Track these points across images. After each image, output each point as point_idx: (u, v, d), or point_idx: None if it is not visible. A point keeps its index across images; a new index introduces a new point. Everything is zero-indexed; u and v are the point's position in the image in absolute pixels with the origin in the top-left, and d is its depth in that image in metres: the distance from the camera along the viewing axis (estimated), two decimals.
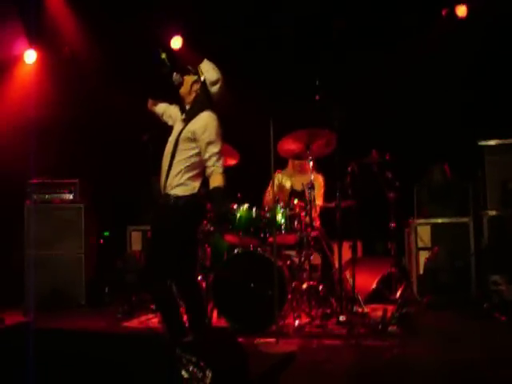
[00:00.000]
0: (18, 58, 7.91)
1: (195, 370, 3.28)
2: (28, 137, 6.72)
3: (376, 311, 5.73)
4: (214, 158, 4.41)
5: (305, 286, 5.62)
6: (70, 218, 6.99)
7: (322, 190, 6.36)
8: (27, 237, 6.83)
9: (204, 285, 5.57)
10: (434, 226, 6.62)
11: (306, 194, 5.59)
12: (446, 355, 4.55)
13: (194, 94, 4.56)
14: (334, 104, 5.49)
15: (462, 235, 6.51)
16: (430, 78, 7.01)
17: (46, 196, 7.02)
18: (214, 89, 4.53)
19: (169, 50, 7.28)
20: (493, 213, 6.22)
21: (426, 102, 7.01)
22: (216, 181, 4.40)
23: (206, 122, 4.44)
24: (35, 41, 7.76)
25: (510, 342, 5.02)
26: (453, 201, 6.64)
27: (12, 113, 7.46)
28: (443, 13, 7.10)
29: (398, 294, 5.83)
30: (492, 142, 6.37)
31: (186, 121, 4.52)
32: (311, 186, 5.57)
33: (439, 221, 6.64)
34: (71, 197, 7.05)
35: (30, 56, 7.89)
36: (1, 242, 7.50)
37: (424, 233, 6.63)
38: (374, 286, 6.19)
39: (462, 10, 7.07)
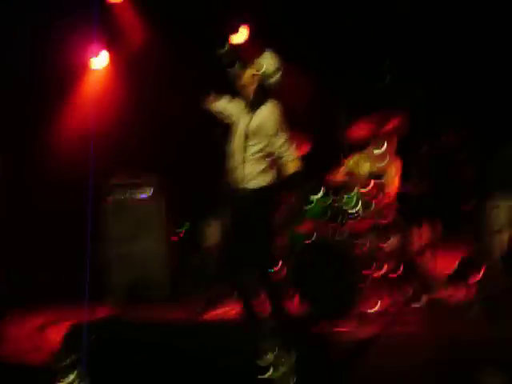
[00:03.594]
0: (87, 64, 8.13)
1: (279, 354, 3.36)
2: (107, 138, 6.93)
3: (455, 295, 5.62)
4: (285, 147, 4.47)
5: (382, 271, 5.57)
6: (150, 215, 7.16)
7: (399, 175, 6.27)
8: (108, 234, 7.06)
9: (284, 271, 5.61)
10: None
11: (379, 180, 5.56)
12: None
13: (253, 86, 4.60)
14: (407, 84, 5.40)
15: None
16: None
17: (127, 194, 7.25)
18: (273, 79, 4.56)
19: (233, 44, 7.30)
20: None
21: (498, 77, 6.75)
22: (292, 167, 4.47)
23: (268, 112, 4.50)
24: (105, 45, 7.94)
25: None
26: None
27: (89, 116, 7.70)
28: None
29: (477, 277, 5.69)
30: None
31: (251, 114, 4.57)
32: (382, 172, 5.53)
33: None
34: (151, 193, 7.24)
35: (101, 61, 8.10)
36: (83, 241, 7.77)
37: (503, 213, 6.40)
38: (452, 269, 6.06)
39: None
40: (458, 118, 6.38)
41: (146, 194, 7.24)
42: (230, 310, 5.98)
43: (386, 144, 5.70)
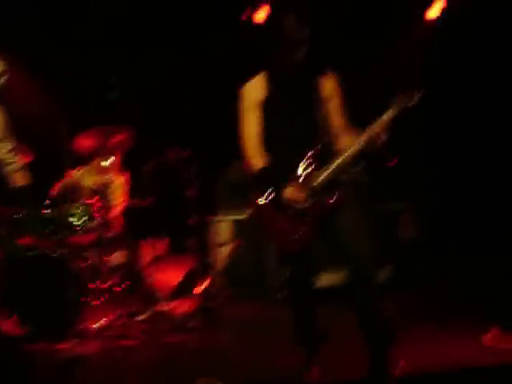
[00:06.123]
0: None
1: None
2: None
3: (179, 307, 5.76)
4: (10, 155, 4.26)
5: (105, 286, 5.51)
6: None
7: (125, 189, 6.29)
8: None
9: None
10: (234, 222, 6.60)
11: (104, 193, 5.52)
12: (249, 346, 4.70)
13: None
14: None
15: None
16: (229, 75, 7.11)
17: None
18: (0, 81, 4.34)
19: None
20: None
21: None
22: (18, 179, 4.26)
23: None
24: None
25: None
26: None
27: None
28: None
29: (201, 288, 5.93)
30: None
31: None
32: (108, 185, 5.51)
33: (239, 216, 6.57)
34: None
35: None
36: None
37: (225, 228, 6.72)
38: (177, 282, 6.22)
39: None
40: (185, 136, 6.59)
41: None
42: None
43: (112, 157, 5.68)
